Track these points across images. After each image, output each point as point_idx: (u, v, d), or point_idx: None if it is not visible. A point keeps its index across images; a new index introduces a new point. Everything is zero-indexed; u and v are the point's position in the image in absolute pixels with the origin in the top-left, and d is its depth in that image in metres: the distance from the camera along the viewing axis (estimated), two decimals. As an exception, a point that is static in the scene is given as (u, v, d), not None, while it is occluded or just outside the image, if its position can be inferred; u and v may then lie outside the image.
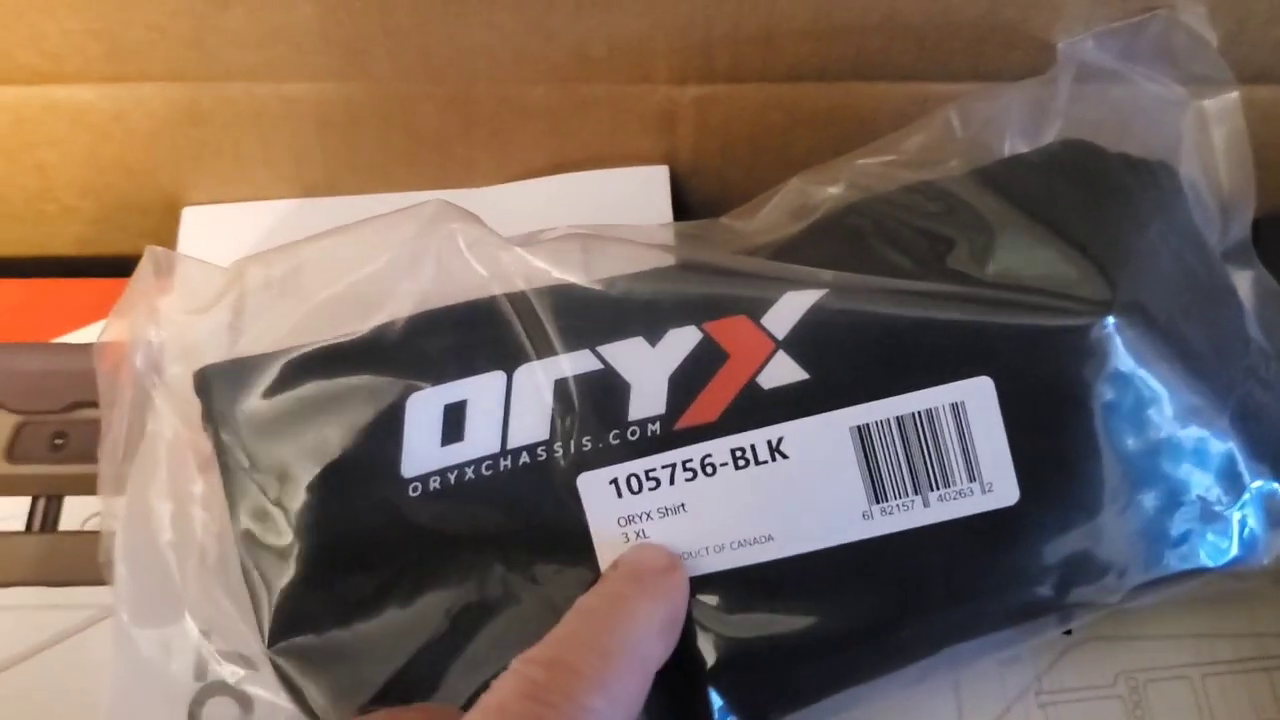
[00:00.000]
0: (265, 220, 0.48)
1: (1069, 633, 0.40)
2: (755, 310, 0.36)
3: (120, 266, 0.42)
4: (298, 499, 0.36)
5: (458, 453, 0.36)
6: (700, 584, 0.35)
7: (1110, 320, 0.34)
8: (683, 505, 0.35)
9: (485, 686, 0.34)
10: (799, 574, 0.35)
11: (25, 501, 0.45)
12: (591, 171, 0.47)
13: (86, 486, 0.44)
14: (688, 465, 0.35)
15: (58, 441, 0.45)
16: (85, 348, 0.41)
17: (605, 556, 0.36)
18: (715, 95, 0.45)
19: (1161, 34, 0.42)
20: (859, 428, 0.35)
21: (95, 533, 0.40)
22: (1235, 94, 0.42)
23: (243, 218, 0.49)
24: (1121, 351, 0.35)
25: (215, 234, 0.48)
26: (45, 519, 0.44)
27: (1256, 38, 0.42)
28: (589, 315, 0.37)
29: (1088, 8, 0.42)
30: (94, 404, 0.39)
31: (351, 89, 0.44)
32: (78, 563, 0.43)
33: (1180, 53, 0.42)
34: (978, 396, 0.35)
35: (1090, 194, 0.38)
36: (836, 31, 0.42)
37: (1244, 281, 0.41)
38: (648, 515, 0.36)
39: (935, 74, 0.44)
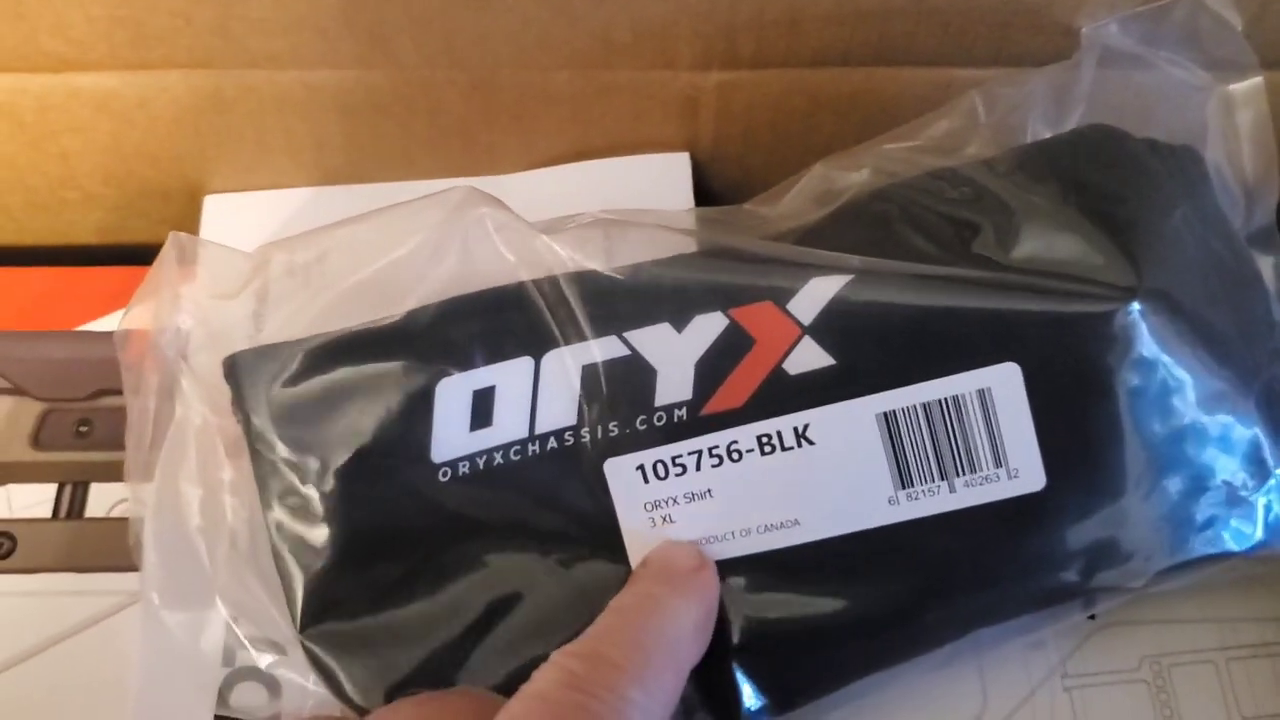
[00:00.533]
0: (287, 208, 0.49)
1: (1093, 617, 0.40)
2: (781, 296, 0.36)
3: (142, 255, 0.42)
4: (329, 484, 0.36)
5: (486, 438, 0.36)
6: (726, 567, 0.36)
7: (1135, 306, 0.34)
8: (709, 491, 0.36)
9: (515, 672, 0.34)
10: (825, 558, 0.35)
11: (52, 488, 0.45)
12: (614, 159, 0.48)
13: (112, 473, 0.45)
14: (714, 451, 0.35)
15: (82, 429, 0.46)
16: (108, 335, 0.41)
17: (632, 542, 0.36)
18: (738, 81, 0.45)
19: (1186, 18, 0.41)
20: (885, 414, 0.35)
21: (122, 519, 0.41)
22: (1260, 79, 0.41)
23: (265, 205, 0.49)
24: (1147, 337, 0.35)
25: (238, 222, 0.48)
26: (72, 505, 0.44)
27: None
28: (616, 302, 0.37)
29: (1111, -8, 0.42)
30: (118, 391, 0.39)
31: (375, 76, 0.44)
32: (105, 549, 0.44)
33: (1205, 37, 0.41)
34: (1005, 383, 0.35)
35: (1115, 179, 0.38)
36: (861, 16, 0.42)
37: (1268, 266, 0.41)
38: (674, 500, 0.36)
39: (959, 59, 0.44)
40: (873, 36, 0.43)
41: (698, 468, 0.35)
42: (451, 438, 0.36)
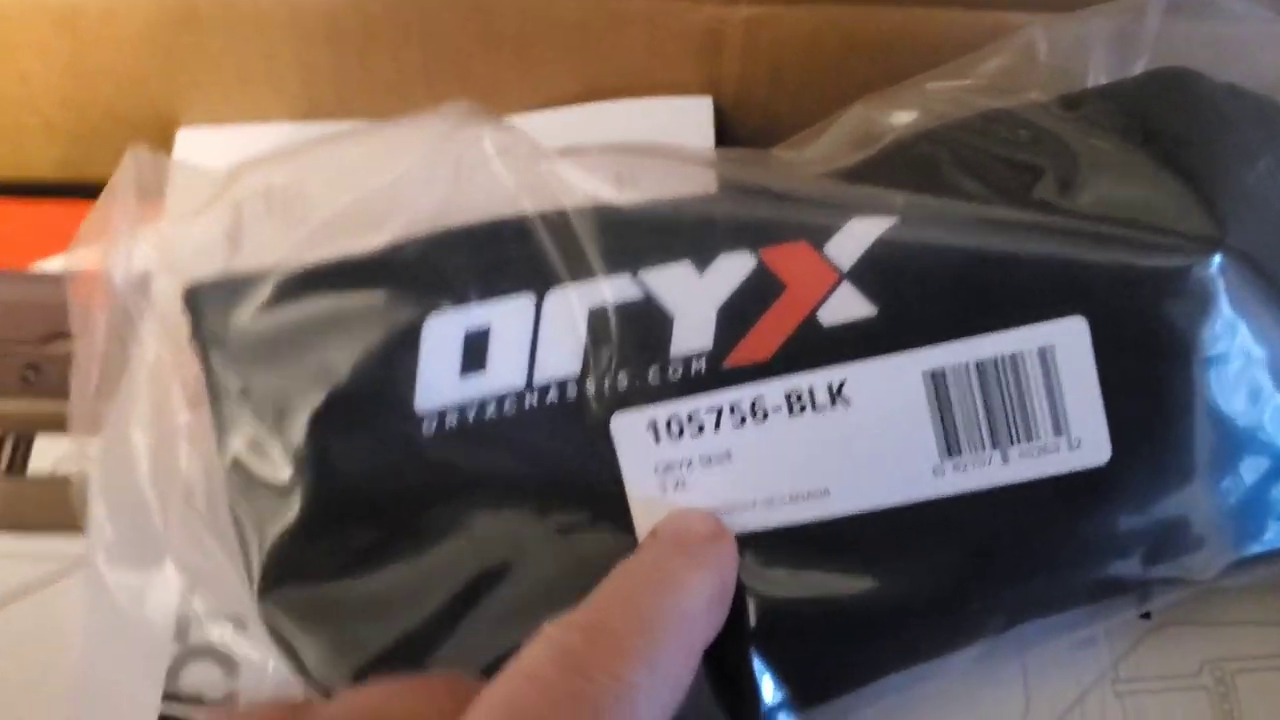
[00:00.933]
0: (268, 144, 0.44)
1: (1148, 615, 0.37)
2: (818, 237, 0.32)
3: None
4: (298, 431, 0.32)
5: (478, 386, 0.32)
6: (745, 541, 0.32)
7: (1217, 260, 0.31)
8: (729, 453, 0.32)
9: (502, 656, 0.30)
10: (858, 534, 0.32)
11: (-10, 439, 0.41)
12: (627, 100, 0.44)
13: (60, 424, 0.40)
14: (736, 409, 0.32)
15: (29, 375, 0.41)
16: (64, 275, 0.37)
17: (639, 509, 0.32)
18: (767, 16, 0.41)
19: (1263, -40, 0.38)
20: (933, 372, 0.31)
21: (67, 477, 0.37)
22: (1343, 30, 0.38)
23: (243, 141, 0.45)
24: (1228, 298, 0.31)
25: (213, 158, 0.44)
26: (14, 459, 0.40)
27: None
28: (630, 236, 0.33)
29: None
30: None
31: (366, -5, 0.41)
32: (47, 507, 0.39)
33: (1285, -19, 0.38)
34: (1070, 340, 0.31)
35: (1192, 123, 0.34)
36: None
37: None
38: (689, 463, 0.32)
39: (1010, 2, 0.40)
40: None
41: (717, 427, 0.32)
42: (438, 383, 0.32)
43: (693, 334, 0.32)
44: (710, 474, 0.32)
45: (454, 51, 0.42)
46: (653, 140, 0.39)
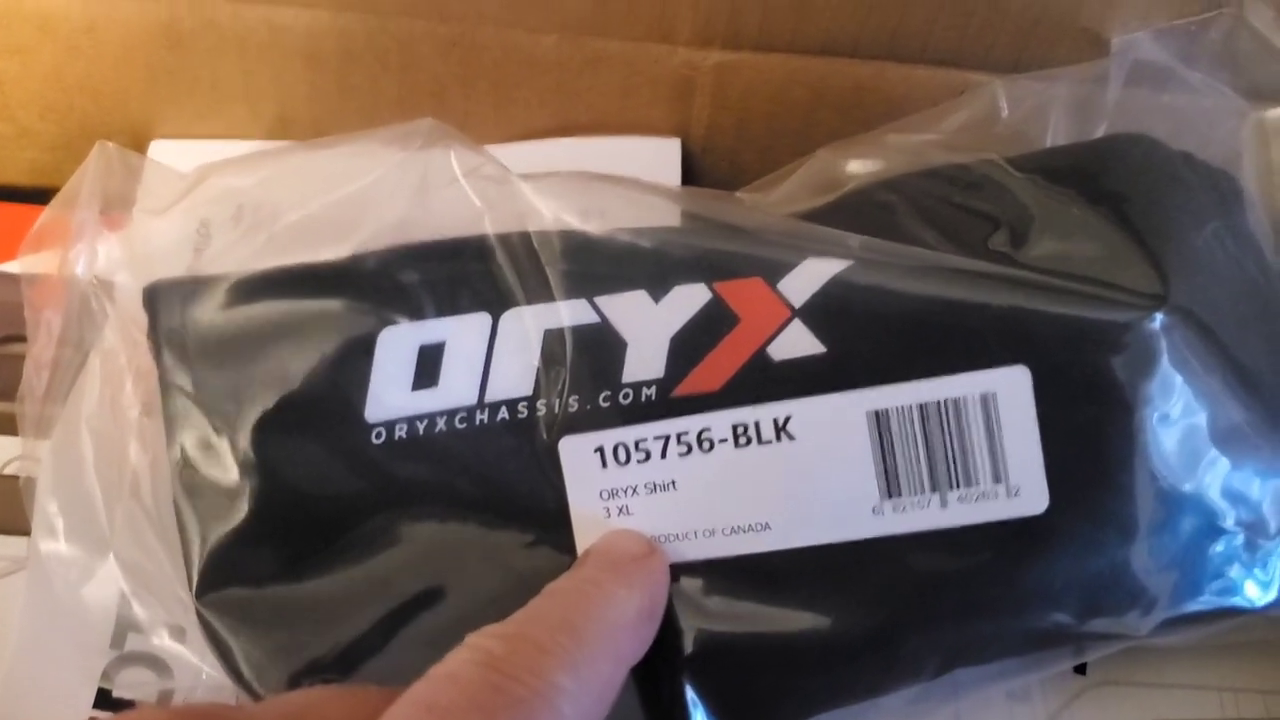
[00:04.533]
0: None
1: (1082, 669, 0.37)
2: (773, 274, 0.33)
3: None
4: (247, 433, 0.32)
5: (429, 400, 0.32)
6: (685, 570, 0.32)
7: (1160, 318, 0.31)
8: (673, 482, 0.32)
9: None
10: (796, 570, 0.32)
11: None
12: (599, 138, 0.44)
13: (12, 426, 0.40)
14: (683, 439, 0.32)
15: (-18, 375, 0.41)
16: (20, 276, 0.37)
17: (582, 532, 0.32)
18: (738, 63, 0.42)
19: (1224, 36, 0.39)
20: (877, 412, 0.31)
21: (14, 477, 0.37)
22: (1300, 107, 0.39)
23: (214, 155, 0.44)
24: (1171, 354, 0.31)
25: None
26: (-37, 458, 0.40)
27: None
28: (589, 262, 0.33)
29: (1145, 3, 0.39)
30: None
31: (346, 20, 0.41)
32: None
33: (1243, 57, 0.39)
34: (1012, 388, 0.31)
35: (1146, 185, 0.35)
36: (875, 4, 0.39)
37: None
38: (634, 490, 0.32)
39: (975, 61, 0.41)
40: (888, 24, 0.40)
41: (663, 455, 0.32)
42: (390, 396, 0.32)
43: (645, 361, 0.32)
44: (655, 501, 0.32)
45: (431, 82, 0.42)
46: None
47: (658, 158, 0.44)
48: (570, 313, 0.33)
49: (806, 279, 0.32)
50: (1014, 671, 0.34)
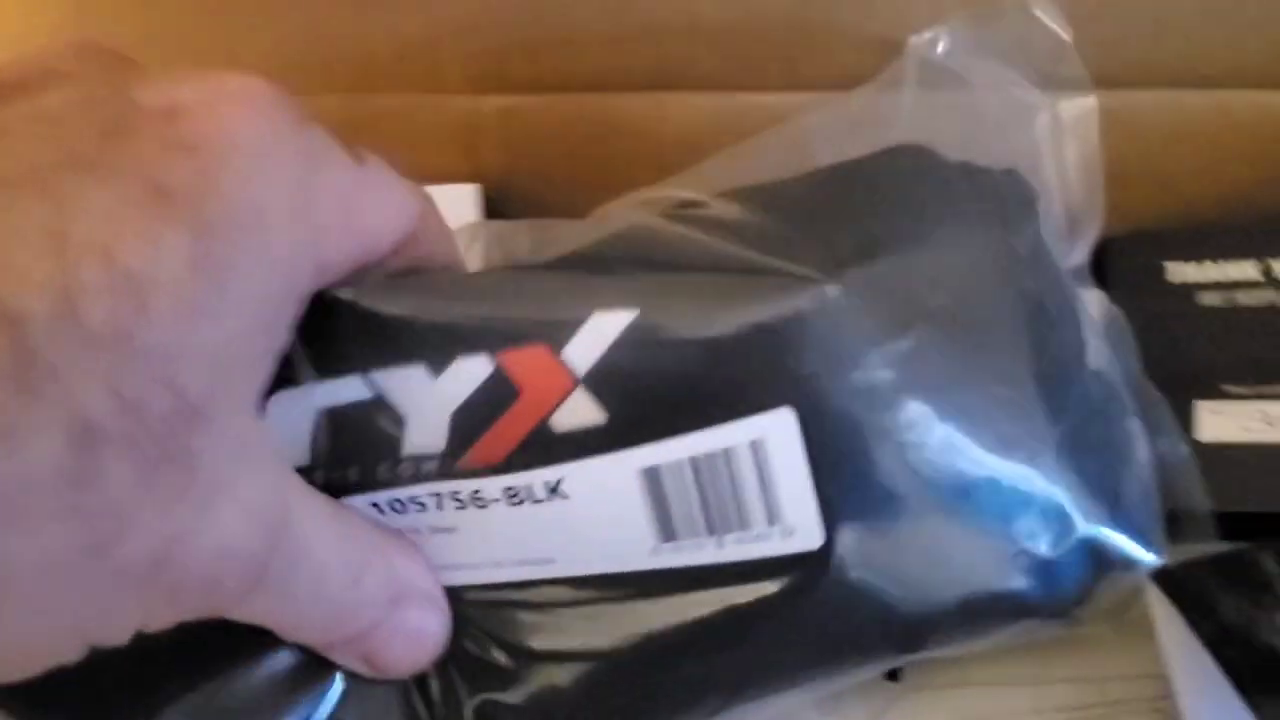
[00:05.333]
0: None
1: (893, 675, 0.38)
2: (558, 338, 0.32)
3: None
4: None
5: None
6: (472, 589, 0.34)
7: (907, 343, 0.32)
8: (454, 528, 0.33)
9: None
10: (581, 591, 0.33)
11: None
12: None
13: None
14: (457, 496, 0.32)
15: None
16: None
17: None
18: (519, 106, 0.41)
19: (1015, 29, 0.39)
20: (648, 469, 0.32)
21: None
22: (1092, 98, 0.39)
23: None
24: (916, 384, 0.32)
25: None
26: None
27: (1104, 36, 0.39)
28: (366, 335, 0.33)
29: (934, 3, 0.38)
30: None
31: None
32: None
33: (1036, 50, 0.39)
34: (778, 431, 0.32)
35: (904, 199, 0.35)
36: (635, 36, 0.38)
37: (1087, 304, 0.38)
38: (415, 531, 0.33)
39: (748, 83, 0.41)
40: (650, 59, 0.39)
41: (439, 508, 0.32)
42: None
43: (426, 436, 0.32)
44: (438, 540, 0.33)
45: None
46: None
47: (457, 205, 0.43)
48: (346, 389, 0.32)
49: (591, 342, 0.32)
50: (822, 685, 0.35)
